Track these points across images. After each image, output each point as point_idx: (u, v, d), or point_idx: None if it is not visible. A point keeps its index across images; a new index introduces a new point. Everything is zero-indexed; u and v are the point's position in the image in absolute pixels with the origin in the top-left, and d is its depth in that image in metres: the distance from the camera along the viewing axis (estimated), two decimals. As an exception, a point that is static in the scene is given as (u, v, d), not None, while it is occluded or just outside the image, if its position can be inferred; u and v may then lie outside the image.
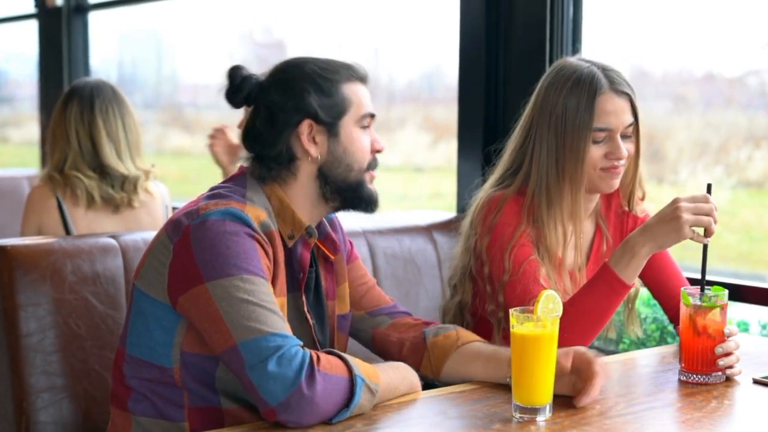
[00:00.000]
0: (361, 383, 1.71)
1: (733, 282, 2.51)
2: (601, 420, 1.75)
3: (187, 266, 1.76)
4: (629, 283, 2.09)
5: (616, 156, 2.20)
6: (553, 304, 1.81)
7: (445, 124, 8.67)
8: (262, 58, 9.29)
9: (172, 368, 1.82)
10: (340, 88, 1.92)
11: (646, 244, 2.06)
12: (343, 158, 1.92)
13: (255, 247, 1.77)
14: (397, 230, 2.75)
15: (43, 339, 2.10)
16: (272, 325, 1.70)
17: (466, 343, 2.00)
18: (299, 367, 1.66)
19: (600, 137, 2.20)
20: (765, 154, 6.76)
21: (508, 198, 2.24)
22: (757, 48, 5.09)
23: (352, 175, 1.93)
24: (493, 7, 2.98)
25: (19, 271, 2.10)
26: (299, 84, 1.91)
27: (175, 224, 1.81)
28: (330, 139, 1.91)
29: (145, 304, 1.83)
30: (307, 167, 1.92)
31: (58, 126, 3.20)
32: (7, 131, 12.24)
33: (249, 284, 1.73)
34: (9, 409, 2.09)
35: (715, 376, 2.00)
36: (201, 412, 1.84)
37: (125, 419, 1.88)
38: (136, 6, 5.32)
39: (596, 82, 2.19)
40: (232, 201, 1.82)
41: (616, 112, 2.19)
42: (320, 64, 1.94)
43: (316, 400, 1.65)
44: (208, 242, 1.75)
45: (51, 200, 3.11)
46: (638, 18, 4.74)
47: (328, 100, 1.90)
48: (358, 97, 1.94)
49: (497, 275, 2.21)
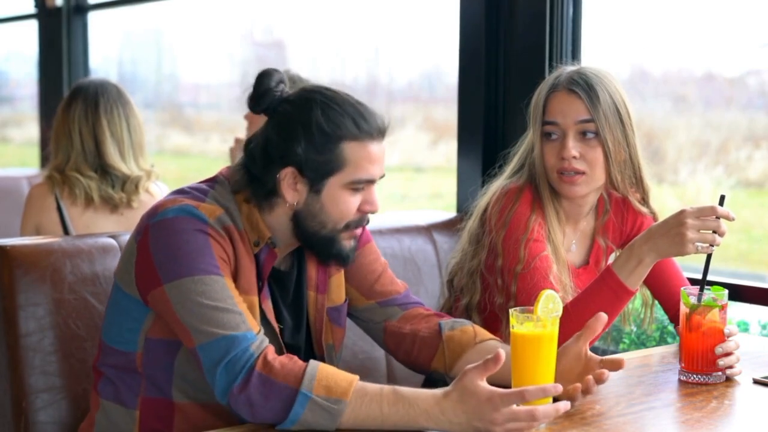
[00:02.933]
0: (303, 399, 1.65)
1: (733, 282, 2.51)
2: (601, 420, 1.75)
3: (147, 267, 1.79)
4: (633, 290, 2.09)
5: (562, 155, 2.20)
6: (553, 304, 1.81)
7: (445, 123, 8.68)
8: (261, 58, 9.29)
9: (136, 354, 1.86)
10: (338, 146, 1.81)
11: (651, 253, 2.05)
12: (318, 214, 1.84)
13: (208, 243, 1.77)
14: (397, 230, 2.75)
15: (43, 339, 2.10)
16: (225, 326, 1.71)
17: (483, 340, 1.98)
18: (239, 370, 1.69)
19: (550, 132, 2.22)
20: (765, 154, 6.76)
21: (523, 189, 2.25)
22: (756, 48, 5.09)
23: (324, 231, 1.86)
24: (493, 6, 2.98)
25: (18, 271, 2.10)
26: (295, 128, 1.82)
27: (140, 223, 1.86)
28: (310, 193, 1.83)
29: (120, 297, 1.88)
30: (283, 206, 1.86)
31: (61, 125, 3.20)
32: (7, 131, 12.24)
33: (201, 285, 1.74)
34: (8, 409, 2.09)
35: (715, 376, 1.99)
36: (153, 402, 1.87)
37: (95, 401, 1.94)
38: (136, 6, 5.32)
39: (556, 79, 2.25)
40: (188, 198, 1.83)
41: (563, 109, 2.21)
42: (329, 112, 1.81)
43: (251, 403, 1.67)
44: (163, 242, 1.78)
45: (50, 199, 3.12)
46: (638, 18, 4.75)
47: (318, 157, 1.81)
48: (357, 160, 1.82)
49: (511, 266, 2.20)
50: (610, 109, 2.20)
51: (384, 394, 1.68)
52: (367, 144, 1.83)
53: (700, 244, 2.01)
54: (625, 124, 2.23)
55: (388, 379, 2.57)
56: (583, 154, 2.21)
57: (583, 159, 2.21)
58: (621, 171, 2.24)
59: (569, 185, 2.22)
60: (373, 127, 1.84)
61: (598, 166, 2.22)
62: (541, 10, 2.87)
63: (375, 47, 8.99)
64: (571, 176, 2.21)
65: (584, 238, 2.37)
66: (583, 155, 2.21)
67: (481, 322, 2.30)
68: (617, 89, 2.24)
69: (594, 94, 2.19)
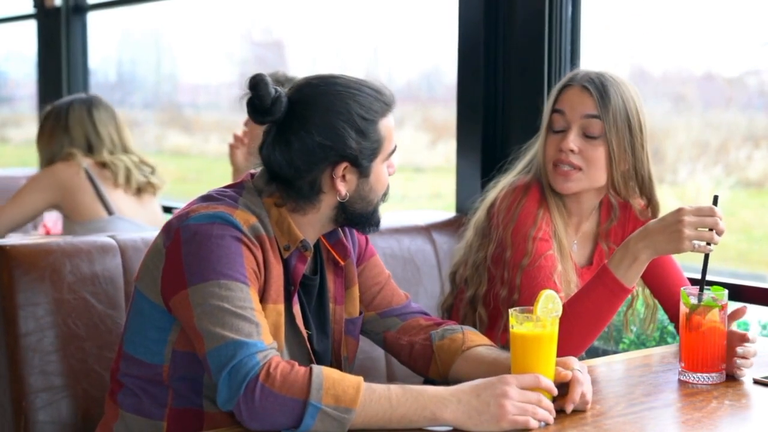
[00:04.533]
0: (314, 411, 1.64)
1: (733, 282, 2.51)
2: (601, 420, 1.75)
3: (175, 270, 1.77)
4: (629, 287, 2.08)
5: (560, 147, 2.21)
6: (553, 304, 1.81)
7: (444, 123, 8.68)
8: (261, 58, 9.29)
9: (162, 366, 1.84)
10: (377, 127, 1.87)
11: (647, 250, 2.05)
12: (367, 195, 1.90)
13: (240, 250, 1.76)
14: (396, 230, 2.75)
15: (42, 339, 2.10)
16: (238, 332, 1.69)
17: (470, 347, 1.99)
18: (242, 379, 1.66)
19: (556, 123, 2.23)
20: (765, 154, 6.77)
21: (531, 186, 2.26)
22: (756, 47, 5.09)
23: (371, 208, 1.92)
24: (492, 6, 2.98)
25: (18, 270, 2.10)
26: (338, 124, 1.83)
27: (167, 228, 1.83)
28: (360, 179, 1.88)
29: (144, 305, 1.85)
30: (330, 200, 1.89)
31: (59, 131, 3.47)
32: (7, 131, 12.24)
33: (225, 290, 1.72)
34: (7, 408, 2.09)
35: (715, 376, 1.99)
36: (182, 413, 1.84)
37: (114, 411, 1.91)
38: (135, 6, 5.31)
39: (574, 76, 2.27)
40: (222, 205, 1.81)
41: (572, 101, 2.22)
42: (360, 98, 1.85)
43: (255, 416, 1.65)
44: (194, 246, 1.75)
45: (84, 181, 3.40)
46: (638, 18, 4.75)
47: (368, 144, 1.86)
48: (389, 133, 1.90)
49: (518, 259, 2.20)
50: (620, 113, 2.20)
51: (392, 389, 1.69)
52: (389, 116, 1.90)
53: (697, 242, 2.02)
54: (634, 134, 2.22)
55: (388, 379, 2.57)
56: (582, 150, 2.21)
57: (581, 155, 2.21)
58: (624, 178, 2.24)
59: (562, 178, 2.22)
60: (389, 98, 1.90)
61: (598, 166, 2.21)
62: (540, 10, 2.87)
63: (374, 47, 8.99)
64: (565, 170, 2.22)
65: (586, 240, 2.36)
66: (583, 151, 2.21)
67: (486, 314, 2.30)
68: (633, 99, 2.23)
69: (606, 95, 2.20)
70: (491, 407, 1.65)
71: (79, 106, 3.49)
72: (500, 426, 1.65)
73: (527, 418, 1.65)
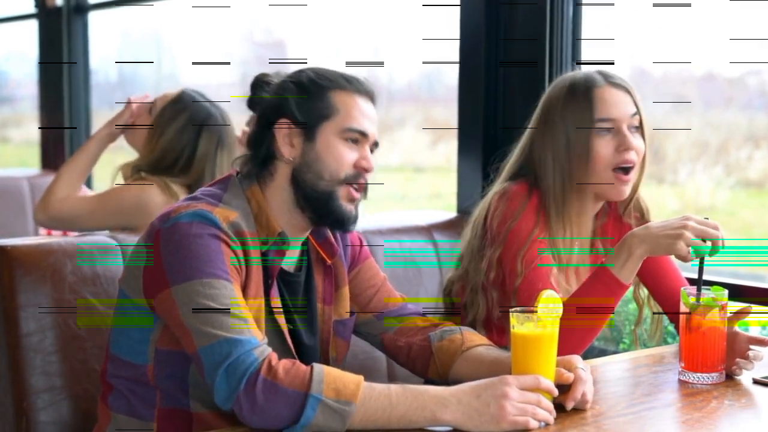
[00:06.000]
0: (315, 403, 1.64)
1: (733, 282, 2.51)
2: (601, 420, 1.75)
3: (156, 270, 1.78)
4: (626, 283, 2.08)
5: (625, 146, 2.17)
6: (553, 304, 1.81)
7: (444, 123, 8.67)
8: (261, 58, 9.29)
9: (147, 366, 1.85)
10: (328, 93, 1.89)
11: (643, 245, 2.04)
12: (314, 164, 1.88)
13: (220, 248, 1.77)
14: (396, 230, 2.75)
15: (43, 339, 2.10)
16: (229, 329, 1.70)
17: (470, 347, 1.99)
18: (242, 376, 1.66)
19: (604, 129, 2.18)
20: (765, 154, 6.77)
21: (531, 195, 2.23)
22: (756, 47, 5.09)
23: (322, 184, 1.88)
24: (493, 6, 2.98)
25: (19, 271, 2.10)
26: (287, 85, 1.91)
27: (150, 229, 1.84)
28: (305, 142, 1.88)
29: (127, 306, 1.86)
30: (283, 169, 1.90)
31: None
32: (7, 131, 12.25)
33: (209, 288, 1.73)
34: (9, 409, 2.09)
35: (715, 376, 2.00)
36: (170, 413, 1.85)
37: (106, 415, 1.92)
38: (136, 6, 5.31)
39: (591, 78, 2.22)
40: (202, 203, 1.82)
41: (616, 102, 2.19)
42: (320, 71, 1.92)
43: (257, 410, 1.65)
44: (174, 246, 1.76)
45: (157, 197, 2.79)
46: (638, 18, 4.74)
47: (309, 102, 1.88)
48: (347, 109, 1.89)
49: (511, 281, 2.20)
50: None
51: (392, 388, 1.69)
52: (356, 96, 1.91)
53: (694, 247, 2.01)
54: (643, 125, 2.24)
55: (390, 380, 2.57)
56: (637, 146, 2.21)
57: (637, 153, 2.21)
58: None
59: (624, 185, 2.20)
60: (362, 84, 1.92)
61: (638, 162, 2.22)
62: (541, 10, 2.87)
63: (375, 47, 8.99)
64: (628, 175, 2.19)
65: (584, 241, 2.36)
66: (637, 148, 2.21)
67: (487, 335, 2.29)
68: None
69: (631, 88, 2.21)
70: (491, 408, 1.65)
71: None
72: (500, 427, 1.65)
73: (527, 419, 1.66)
